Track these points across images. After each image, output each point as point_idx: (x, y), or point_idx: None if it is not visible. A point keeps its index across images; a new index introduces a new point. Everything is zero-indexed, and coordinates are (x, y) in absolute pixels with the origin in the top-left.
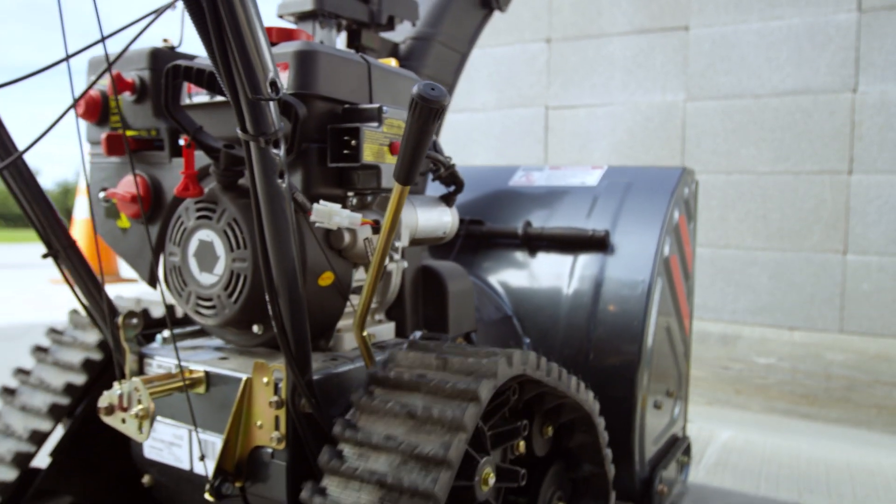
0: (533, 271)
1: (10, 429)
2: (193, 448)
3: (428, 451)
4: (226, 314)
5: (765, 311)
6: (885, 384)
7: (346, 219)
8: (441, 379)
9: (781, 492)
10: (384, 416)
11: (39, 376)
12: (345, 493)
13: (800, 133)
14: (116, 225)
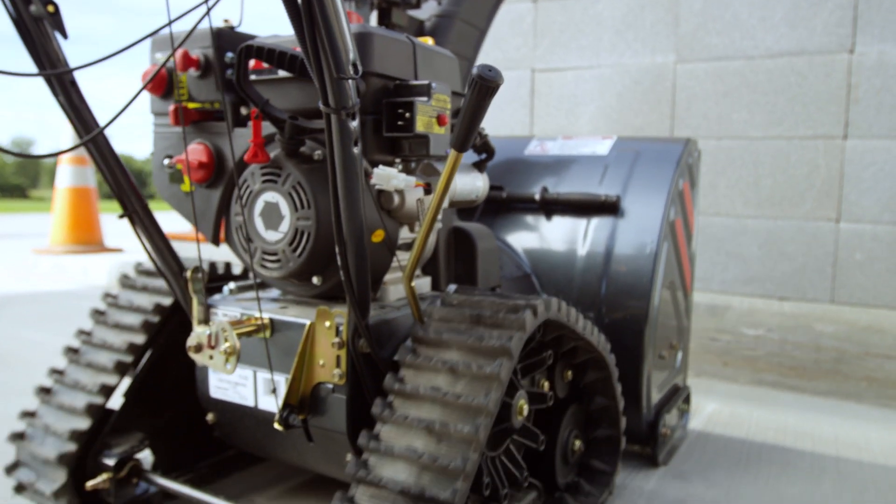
0: (549, 233)
1: (80, 383)
2: (259, 386)
3: (470, 400)
4: (290, 267)
5: (755, 281)
6: (875, 356)
7: (402, 181)
8: (477, 336)
9: (763, 466)
10: (428, 370)
11: (101, 337)
12: (397, 438)
13: (794, 96)
14: (180, 189)
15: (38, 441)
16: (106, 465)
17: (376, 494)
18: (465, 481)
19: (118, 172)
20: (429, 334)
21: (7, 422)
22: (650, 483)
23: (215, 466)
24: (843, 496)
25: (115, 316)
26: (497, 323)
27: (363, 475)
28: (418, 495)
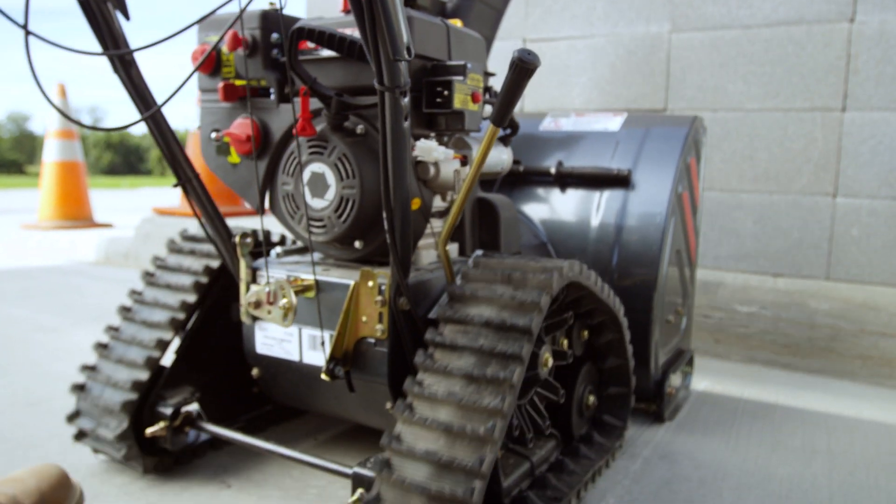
0: (564, 205)
1: (136, 338)
2: (303, 342)
3: (505, 349)
4: (335, 232)
5: (749, 258)
6: (870, 334)
7: (441, 153)
8: (509, 293)
9: (753, 446)
10: (465, 325)
11: (154, 296)
12: (438, 385)
13: (791, 67)
14: (227, 161)
15: (98, 392)
16: (162, 413)
17: (420, 433)
18: (503, 420)
19: (173, 145)
20: (464, 291)
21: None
22: (657, 436)
23: (254, 420)
24: (833, 476)
25: (166, 277)
26: (527, 282)
27: (408, 416)
28: (460, 430)
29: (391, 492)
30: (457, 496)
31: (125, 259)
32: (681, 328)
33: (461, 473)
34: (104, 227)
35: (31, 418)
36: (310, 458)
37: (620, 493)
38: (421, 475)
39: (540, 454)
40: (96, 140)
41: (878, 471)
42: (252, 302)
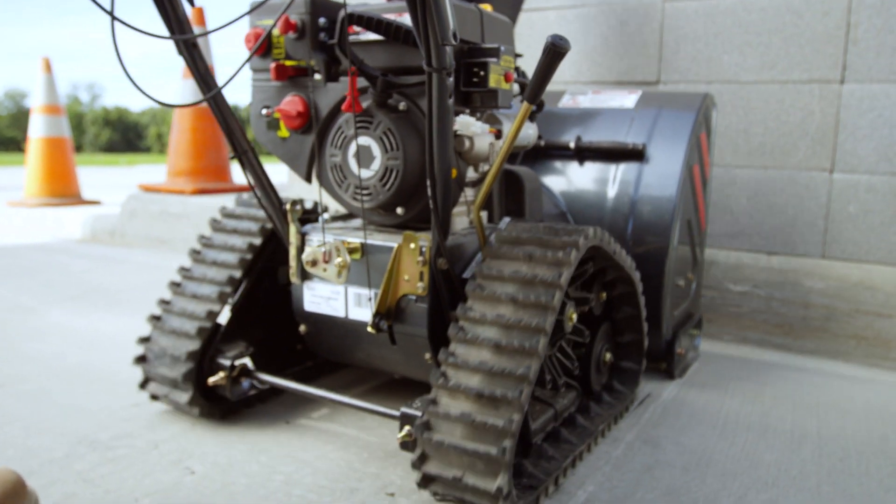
0: (582, 177)
1: (198, 294)
2: (349, 300)
3: (539, 298)
4: (380, 199)
5: (742, 235)
6: (865, 314)
7: (479, 128)
8: (541, 252)
9: (741, 430)
10: (500, 279)
11: (212, 257)
12: (477, 328)
13: (788, 37)
14: (276, 135)
15: (160, 361)
16: (222, 365)
17: (461, 375)
18: (544, 337)
19: (231, 120)
20: (500, 251)
21: None
22: (667, 391)
23: (298, 374)
24: (822, 463)
25: (223, 239)
26: (556, 244)
27: (452, 360)
28: (498, 370)
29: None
30: (507, 395)
31: (111, 237)
32: (690, 293)
33: (505, 386)
34: (92, 205)
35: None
36: (359, 402)
37: (600, 479)
38: (464, 408)
39: (562, 403)
40: (94, 117)
41: (869, 457)
42: (309, 260)
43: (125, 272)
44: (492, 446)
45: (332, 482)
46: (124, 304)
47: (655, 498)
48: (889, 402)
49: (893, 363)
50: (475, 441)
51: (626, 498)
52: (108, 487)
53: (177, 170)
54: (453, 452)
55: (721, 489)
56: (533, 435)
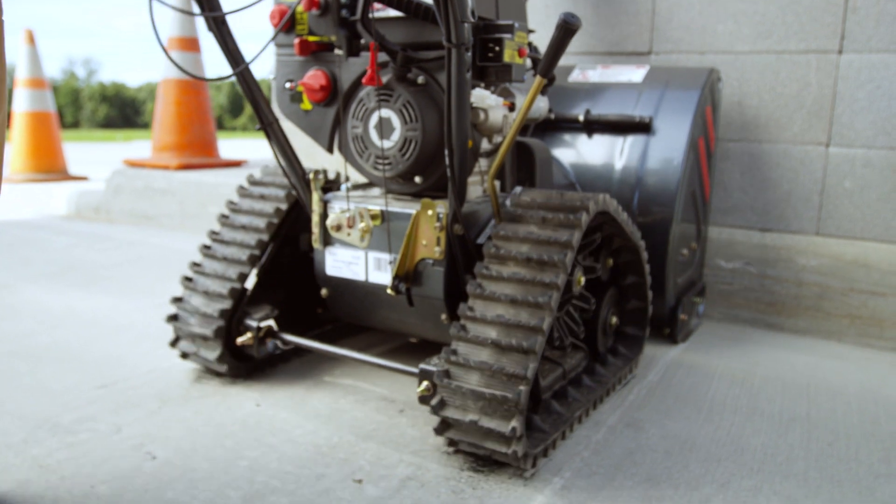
0: (591, 149)
1: (228, 256)
2: (369, 264)
3: (552, 257)
4: (399, 168)
5: (735, 211)
6: (860, 292)
7: (493, 101)
8: (554, 215)
9: (727, 413)
10: (515, 240)
11: (241, 222)
12: (494, 285)
13: (785, 5)
14: (299, 107)
15: (192, 320)
16: (250, 326)
17: (479, 329)
18: (557, 293)
19: (257, 93)
20: (515, 213)
21: None
22: (670, 354)
23: (318, 336)
24: (811, 448)
25: (250, 205)
26: (568, 208)
27: (469, 314)
28: (515, 323)
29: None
30: (522, 345)
31: (96, 213)
32: (694, 262)
33: (521, 337)
34: (78, 180)
35: None
36: (379, 360)
37: (578, 465)
38: (483, 356)
39: (570, 363)
40: (91, 93)
41: (859, 441)
42: (334, 225)
43: (107, 249)
44: (508, 391)
45: (298, 468)
46: (102, 281)
47: (635, 485)
48: (882, 384)
49: (888, 343)
50: (492, 387)
51: (603, 485)
52: (63, 474)
53: (161, 144)
54: (471, 397)
55: (704, 475)
56: (543, 392)
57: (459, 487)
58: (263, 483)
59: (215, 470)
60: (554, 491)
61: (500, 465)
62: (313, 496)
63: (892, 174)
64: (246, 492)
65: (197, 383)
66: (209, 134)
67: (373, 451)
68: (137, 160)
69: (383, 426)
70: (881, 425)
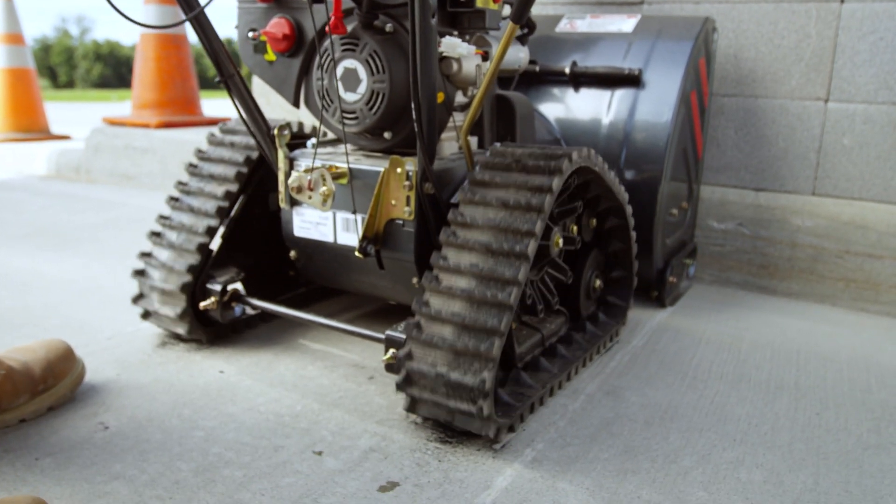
0: (577, 103)
1: (185, 225)
2: (338, 225)
3: (520, 226)
4: (366, 123)
5: (729, 169)
6: (856, 254)
7: (465, 49)
8: (524, 177)
9: (712, 380)
10: (484, 205)
11: (198, 186)
12: (460, 257)
13: None
14: (263, 58)
15: (158, 276)
16: (213, 290)
17: (445, 301)
18: (525, 264)
19: (216, 43)
20: (483, 176)
21: None
22: (657, 318)
23: (290, 300)
24: (797, 418)
25: (209, 168)
26: (540, 167)
27: (434, 286)
28: (481, 297)
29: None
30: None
31: (76, 173)
32: (685, 222)
33: (490, 308)
34: (61, 140)
35: None
36: (346, 325)
37: (552, 436)
38: (446, 334)
39: (550, 328)
40: (85, 51)
41: (849, 410)
42: (294, 187)
43: (83, 210)
44: (472, 373)
45: (255, 438)
46: (73, 244)
47: (610, 457)
48: (875, 350)
49: (883, 307)
50: (457, 370)
51: (577, 457)
52: (8, 446)
53: (142, 102)
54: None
55: (684, 447)
56: (518, 359)
57: (424, 459)
58: (217, 455)
59: (168, 441)
60: (524, 464)
61: (469, 437)
62: (269, 469)
63: (893, 131)
64: (198, 464)
65: (160, 349)
66: (191, 91)
67: (337, 421)
68: (117, 118)
69: (350, 394)
70: (872, 393)
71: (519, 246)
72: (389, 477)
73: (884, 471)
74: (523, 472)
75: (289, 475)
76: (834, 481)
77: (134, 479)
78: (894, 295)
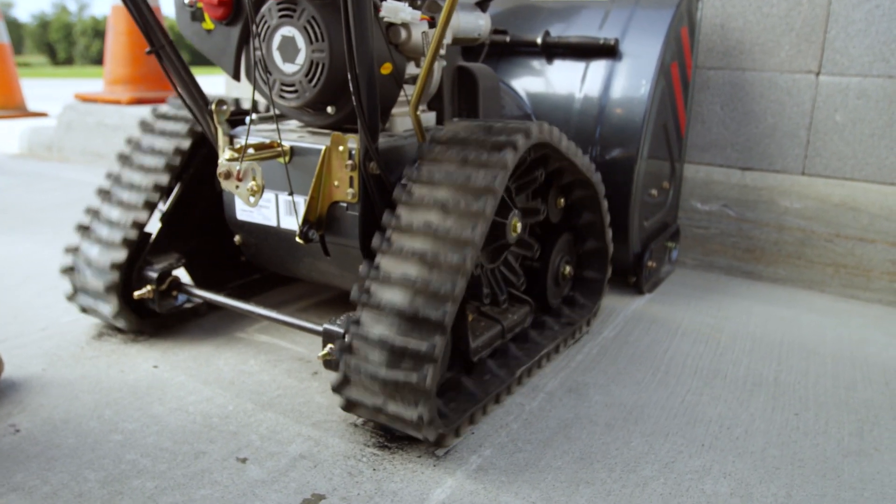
0: (550, 76)
1: (125, 202)
2: (280, 208)
3: (470, 208)
4: (306, 97)
5: (714, 147)
6: (846, 238)
7: (409, 14)
8: (477, 153)
9: (685, 376)
10: (444, 162)
11: (141, 160)
12: (415, 216)
13: None
14: (201, 27)
15: (86, 273)
16: (149, 277)
17: (388, 291)
18: (473, 250)
19: (145, 11)
20: (433, 152)
21: None
22: (632, 306)
23: (243, 287)
24: (774, 419)
25: (149, 140)
26: (492, 144)
27: (374, 274)
28: (424, 285)
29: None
30: (431, 315)
31: (49, 151)
32: (667, 203)
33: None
34: (37, 117)
35: None
36: (283, 317)
37: (503, 440)
38: (384, 331)
39: (512, 319)
40: (83, 28)
41: (830, 411)
42: (222, 173)
43: (49, 190)
44: (412, 372)
45: (177, 443)
46: (32, 226)
47: (564, 465)
48: (863, 342)
49: (874, 294)
50: (396, 369)
51: (527, 465)
52: None
53: (114, 77)
54: (375, 380)
55: (646, 453)
56: (474, 353)
57: (357, 468)
58: (131, 462)
59: (82, 446)
60: (467, 473)
61: (411, 441)
62: (184, 479)
63: (889, 106)
64: (108, 474)
65: (95, 341)
66: None
67: (269, 423)
68: (89, 94)
69: (290, 392)
70: (857, 391)
71: (466, 232)
72: (316, 488)
73: (864, 481)
74: (465, 484)
75: (205, 486)
76: (809, 493)
77: (33, 491)
78: (886, 281)
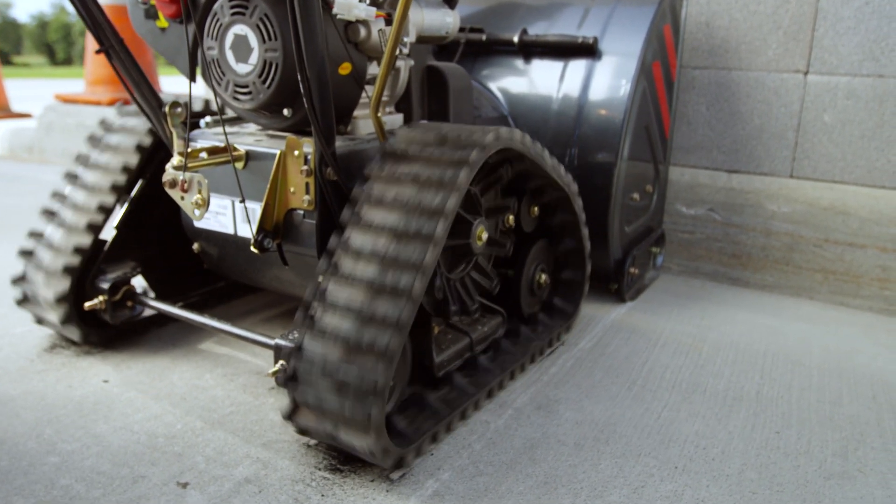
0: (527, 76)
1: (80, 204)
2: (237, 215)
3: (430, 203)
4: (260, 98)
5: (700, 149)
6: (836, 243)
7: (363, 11)
8: (440, 151)
9: (662, 391)
10: (394, 182)
11: (97, 160)
12: (363, 238)
13: None
14: (155, 25)
15: (36, 282)
16: (101, 288)
17: (344, 293)
18: (435, 247)
19: (94, 10)
20: (395, 149)
21: None
22: (612, 315)
23: (205, 296)
24: (753, 438)
25: (111, 139)
26: (446, 160)
27: (332, 271)
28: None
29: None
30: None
31: (29, 152)
32: (650, 207)
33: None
34: (20, 118)
35: None
36: (238, 330)
37: (463, 462)
38: (332, 355)
39: (482, 331)
40: (83, 28)
41: (813, 428)
42: (167, 181)
43: (25, 193)
44: (357, 404)
45: (116, 466)
46: (5, 230)
47: (526, 491)
48: (851, 352)
49: (864, 302)
50: (344, 397)
51: (487, 491)
52: None
53: (94, 78)
54: (325, 407)
55: (615, 476)
56: (438, 368)
57: (305, 494)
58: (65, 488)
59: (14, 470)
60: (422, 499)
61: (364, 465)
62: None
63: (879, 107)
64: (38, 500)
65: (47, 354)
66: (147, 66)
67: (217, 443)
68: (70, 95)
69: (243, 409)
70: (842, 406)
71: (426, 227)
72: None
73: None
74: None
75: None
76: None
77: None
78: (877, 288)
